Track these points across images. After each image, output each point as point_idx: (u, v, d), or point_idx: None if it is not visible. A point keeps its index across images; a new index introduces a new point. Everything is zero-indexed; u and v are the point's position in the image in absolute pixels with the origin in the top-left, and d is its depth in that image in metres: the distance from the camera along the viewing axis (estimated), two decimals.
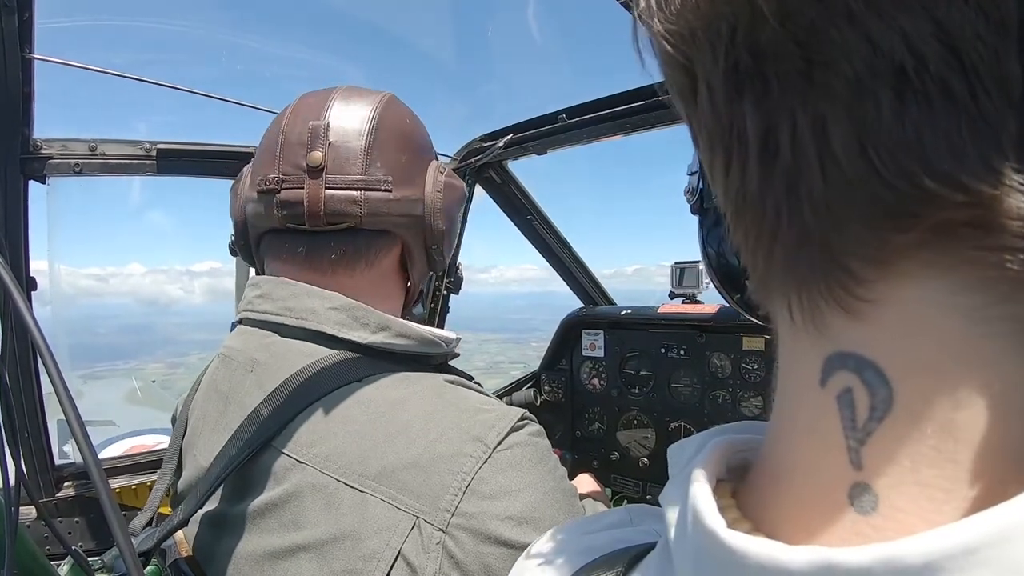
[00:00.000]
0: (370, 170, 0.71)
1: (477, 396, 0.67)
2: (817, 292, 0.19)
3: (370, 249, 0.73)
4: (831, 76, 0.17)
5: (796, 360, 0.21)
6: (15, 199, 1.26)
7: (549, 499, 0.59)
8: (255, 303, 0.73)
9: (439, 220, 0.76)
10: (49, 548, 1.36)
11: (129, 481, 1.54)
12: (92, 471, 0.43)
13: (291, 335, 0.70)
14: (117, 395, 4.87)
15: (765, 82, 0.18)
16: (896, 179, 0.17)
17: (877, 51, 0.16)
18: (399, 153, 0.74)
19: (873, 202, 0.17)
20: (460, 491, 0.56)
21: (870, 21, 0.16)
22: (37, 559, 0.83)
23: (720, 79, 0.19)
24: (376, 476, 0.57)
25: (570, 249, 2.06)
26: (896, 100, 0.16)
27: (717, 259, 0.37)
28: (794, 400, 0.22)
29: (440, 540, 0.54)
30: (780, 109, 0.18)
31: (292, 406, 0.62)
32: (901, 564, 0.15)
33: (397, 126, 0.75)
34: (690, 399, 1.75)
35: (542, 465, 0.61)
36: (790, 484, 0.21)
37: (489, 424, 0.60)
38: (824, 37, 0.17)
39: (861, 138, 0.17)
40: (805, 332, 0.20)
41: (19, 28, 1.07)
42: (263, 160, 0.74)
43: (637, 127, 1.43)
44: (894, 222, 0.17)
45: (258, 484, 0.62)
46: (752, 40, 0.18)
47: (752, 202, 0.20)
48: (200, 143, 1.49)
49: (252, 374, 0.69)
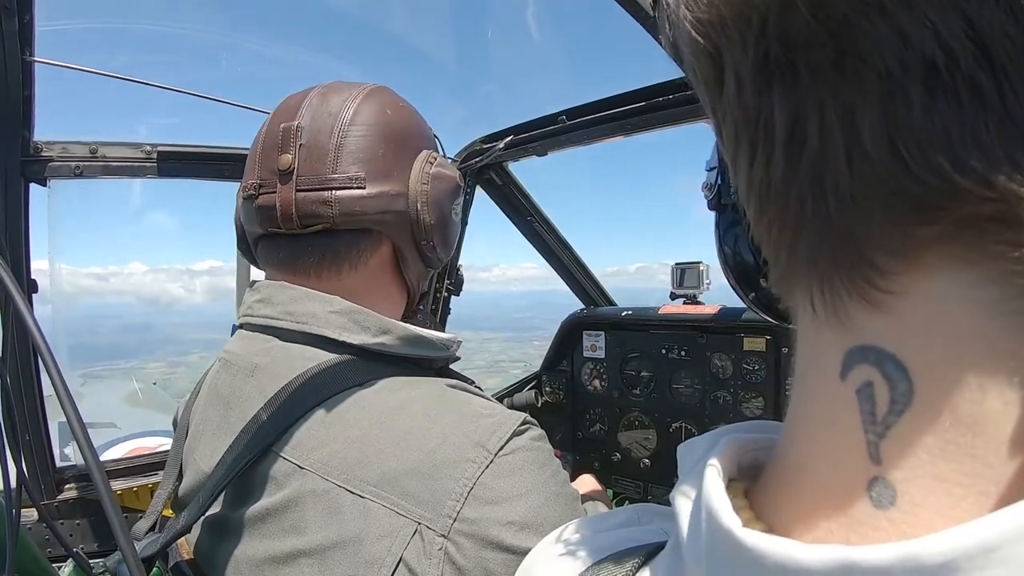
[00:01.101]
0: (340, 167, 0.69)
1: (479, 400, 0.66)
2: (840, 284, 0.19)
3: (351, 250, 0.71)
4: (863, 68, 0.17)
5: (817, 354, 0.21)
6: (16, 202, 1.26)
7: (551, 504, 0.58)
8: (255, 308, 0.73)
9: (426, 214, 0.73)
10: (51, 550, 1.37)
11: (130, 483, 1.54)
12: (94, 473, 0.43)
13: (291, 339, 0.69)
14: (117, 396, 4.88)
15: (795, 73, 0.18)
16: (924, 173, 0.17)
17: (908, 45, 0.16)
18: (376, 146, 0.71)
19: (899, 195, 0.17)
20: (462, 497, 0.55)
21: (901, 15, 0.16)
22: (38, 561, 0.83)
23: (749, 69, 0.20)
24: (377, 482, 0.57)
25: (570, 250, 2.06)
26: (926, 95, 0.16)
27: (733, 256, 0.37)
28: (813, 394, 0.22)
29: (442, 546, 0.54)
30: (809, 100, 0.18)
31: (293, 411, 0.62)
32: (920, 563, 0.15)
33: (374, 118, 0.71)
34: (691, 400, 1.75)
35: (544, 470, 0.61)
36: (807, 478, 0.21)
37: (491, 429, 0.60)
38: (857, 29, 0.17)
39: (890, 131, 0.17)
40: (827, 325, 0.20)
41: (19, 31, 1.07)
42: (247, 166, 0.75)
43: (638, 128, 1.43)
44: (920, 215, 0.17)
45: (259, 489, 0.62)
46: (783, 30, 0.18)
47: (777, 193, 0.20)
48: (200, 145, 1.49)
49: (253, 379, 0.69)
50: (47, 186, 1.34)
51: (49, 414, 1.40)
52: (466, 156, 1.73)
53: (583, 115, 1.48)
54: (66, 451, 1.54)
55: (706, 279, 1.78)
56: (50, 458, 1.44)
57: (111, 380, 8.79)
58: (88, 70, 1.38)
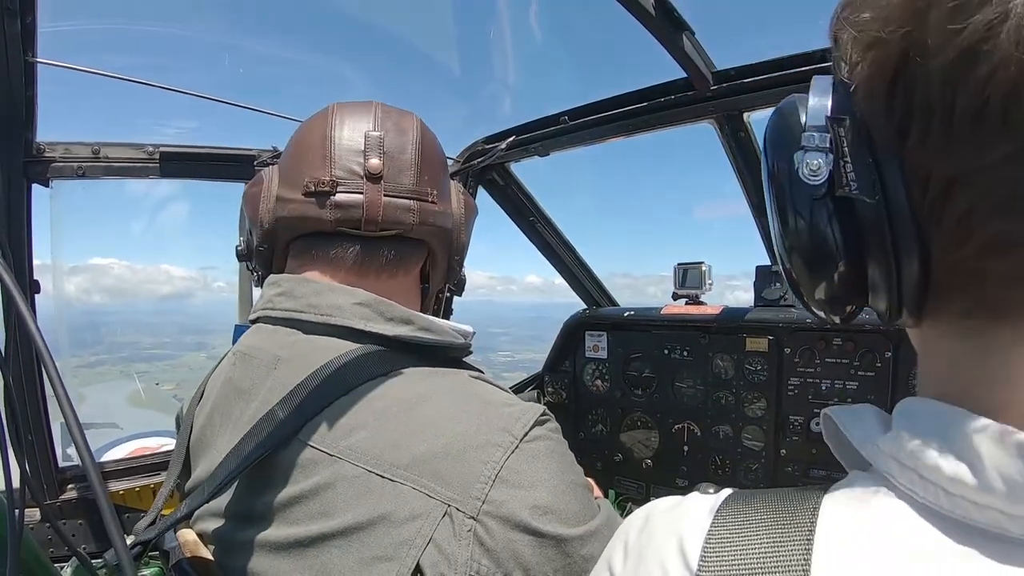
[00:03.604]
0: (420, 181, 0.75)
1: (501, 392, 0.70)
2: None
3: (411, 257, 0.77)
4: None
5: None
6: (19, 202, 1.27)
7: (570, 491, 0.60)
8: (276, 301, 0.74)
9: (463, 234, 0.82)
10: (52, 550, 1.37)
11: (132, 483, 1.54)
12: (90, 472, 0.43)
13: (315, 332, 0.70)
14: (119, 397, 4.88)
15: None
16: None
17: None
18: (438, 170, 0.79)
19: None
20: (490, 480, 0.57)
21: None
22: (40, 561, 0.84)
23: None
24: (408, 465, 0.58)
25: (573, 251, 2.06)
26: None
27: (814, 249, 0.34)
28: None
29: (471, 528, 0.55)
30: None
31: (319, 400, 0.63)
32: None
33: (434, 145, 0.80)
34: (693, 400, 1.75)
35: (564, 458, 0.64)
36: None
37: (515, 416, 0.62)
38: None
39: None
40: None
41: (22, 32, 1.07)
42: (309, 162, 0.74)
43: (640, 128, 1.43)
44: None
45: (285, 477, 0.62)
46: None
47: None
48: (202, 146, 1.50)
49: (276, 371, 0.69)
50: (49, 187, 1.34)
51: (52, 414, 1.41)
52: (468, 157, 1.73)
53: (585, 115, 1.48)
54: (68, 451, 1.54)
55: (708, 279, 1.78)
56: (53, 458, 1.45)
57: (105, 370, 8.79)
58: (91, 71, 1.39)
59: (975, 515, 0.28)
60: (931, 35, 0.27)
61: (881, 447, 0.33)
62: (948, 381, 0.32)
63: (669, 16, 1.13)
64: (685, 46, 1.17)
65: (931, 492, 0.29)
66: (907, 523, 0.29)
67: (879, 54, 0.30)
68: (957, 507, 0.28)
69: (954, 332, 0.32)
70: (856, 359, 1.47)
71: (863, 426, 0.35)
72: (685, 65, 1.21)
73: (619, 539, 0.40)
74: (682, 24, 1.15)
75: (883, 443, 0.33)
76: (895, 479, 0.31)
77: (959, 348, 0.32)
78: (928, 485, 0.29)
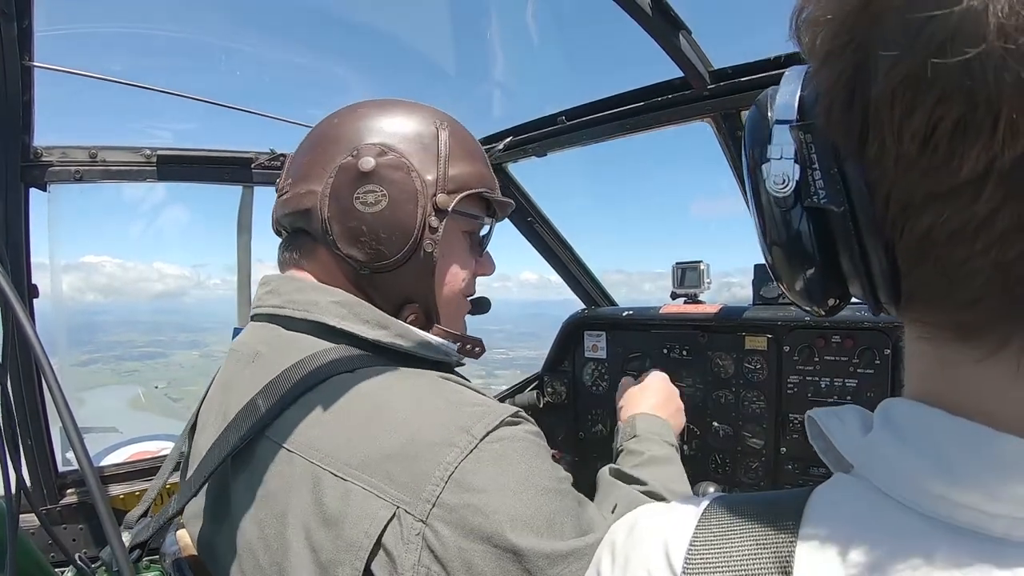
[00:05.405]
0: (286, 176, 0.78)
1: (471, 393, 0.65)
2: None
3: (304, 247, 0.78)
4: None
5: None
6: (16, 207, 1.27)
7: (541, 498, 0.55)
8: (264, 299, 0.76)
9: (326, 208, 0.70)
10: (53, 555, 1.37)
11: (132, 487, 1.54)
12: (88, 478, 0.43)
13: (295, 328, 0.71)
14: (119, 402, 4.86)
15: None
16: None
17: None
18: (303, 156, 0.77)
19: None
20: (442, 481, 0.53)
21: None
22: (40, 566, 0.83)
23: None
24: (359, 464, 0.56)
25: (571, 251, 2.06)
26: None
27: (789, 246, 0.36)
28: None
29: (420, 531, 0.52)
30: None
31: (285, 396, 0.63)
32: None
33: (318, 130, 0.78)
34: (693, 399, 1.75)
35: (532, 462, 0.58)
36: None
37: (477, 416, 0.58)
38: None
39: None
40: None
41: (18, 36, 1.07)
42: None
43: (637, 127, 1.43)
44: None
45: (253, 474, 0.62)
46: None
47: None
48: (200, 149, 1.50)
49: (253, 364, 0.70)
50: (47, 191, 1.34)
51: (51, 418, 1.40)
52: None
53: (583, 115, 1.48)
54: (68, 456, 1.54)
55: (707, 278, 1.78)
56: (52, 463, 1.44)
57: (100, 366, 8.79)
58: (88, 75, 1.38)
59: (957, 515, 0.28)
60: (881, 50, 0.26)
61: (862, 449, 0.33)
62: (928, 380, 0.33)
63: (666, 15, 1.13)
64: (682, 45, 1.17)
65: (912, 493, 0.29)
66: (890, 525, 0.30)
67: (835, 66, 0.29)
68: (939, 508, 0.28)
69: (928, 336, 0.32)
70: (855, 356, 1.47)
71: (845, 428, 0.35)
72: (682, 64, 1.21)
73: (607, 544, 0.40)
74: (679, 23, 1.15)
75: (864, 445, 0.33)
76: (877, 481, 0.31)
77: (933, 353, 0.32)
78: (909, 487, 0.29)
